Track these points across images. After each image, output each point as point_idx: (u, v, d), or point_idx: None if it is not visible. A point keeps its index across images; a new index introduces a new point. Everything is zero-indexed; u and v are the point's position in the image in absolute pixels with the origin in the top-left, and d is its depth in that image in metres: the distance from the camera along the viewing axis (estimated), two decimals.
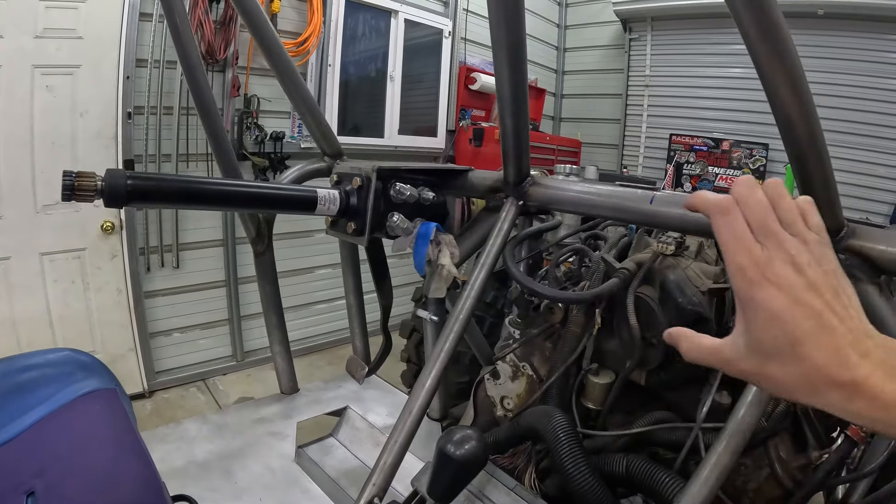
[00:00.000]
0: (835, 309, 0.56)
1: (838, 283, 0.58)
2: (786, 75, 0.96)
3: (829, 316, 0.55)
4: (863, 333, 0.56)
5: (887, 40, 5.41)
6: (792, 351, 0.56)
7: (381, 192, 1.44)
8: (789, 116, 1.01)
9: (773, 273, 0.57)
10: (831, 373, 0.54)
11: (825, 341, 0.54)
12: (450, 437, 1.19)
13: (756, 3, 0.89)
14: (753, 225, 0.60)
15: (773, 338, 0.57)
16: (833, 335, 0.55)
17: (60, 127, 3.68)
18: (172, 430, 1.96)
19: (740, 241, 0.60)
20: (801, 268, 0.57)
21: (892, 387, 0.52)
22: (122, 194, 1.07)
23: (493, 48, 1.30)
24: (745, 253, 0.59)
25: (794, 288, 0.56)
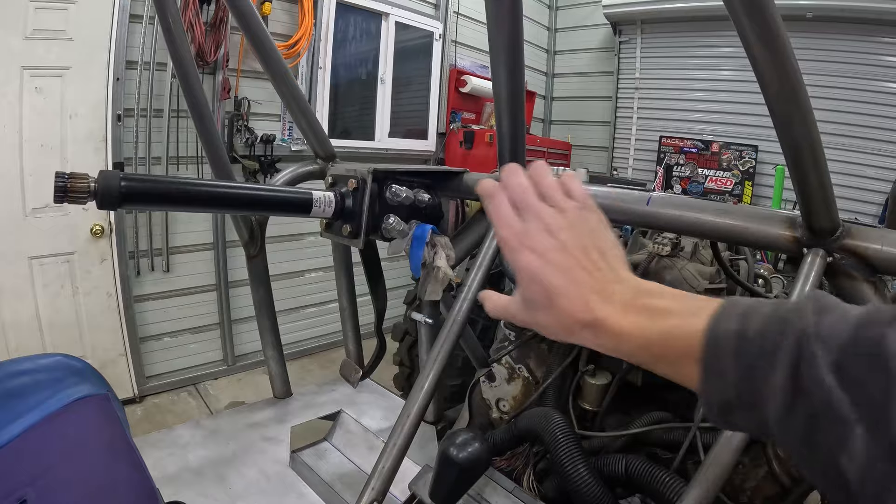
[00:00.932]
0: (583, 264, 0.65)
1: (591, 241, 0.67)
2: (784, 78, 0.97)
3: (577, 271, 0.65)
4: (610, 280, 0.65)
5: (875, 42, 5.45)
6: (549, 302, 0.65)
7: (376, 195, 1.44)
8: (787, 118, 1.01)
9: (530, 240, 0.68)
10: (578, 316, 0.64)
11: (573, 291, 0.64)
12: (452, 441, 1.18)
13: (755, 7, 0.90)
14: (515, 203, 0.71)
15: (534, 293, 0.67)
16: (579, 286, 0.64)
17: (50, 129, 3.64)
18: (165, 435, 1.95)
19: (502, 217, 0.71)
20: (553, 232, 0.67)
21: (626, 321, 0.62)
22: (116, 196, 1.06)
23: (490, 51, 1.29)
24: (506, 227, 0.70)
25: (546, 251, 0.66)
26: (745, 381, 0.53)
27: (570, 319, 0.65)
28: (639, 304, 0.64)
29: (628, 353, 0.64)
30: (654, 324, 0.62)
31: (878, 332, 0.46)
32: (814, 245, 1.13)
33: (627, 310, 0.64)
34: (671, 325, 0.61)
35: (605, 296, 0.65)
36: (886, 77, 5.45)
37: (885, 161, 5.46)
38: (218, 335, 4.92)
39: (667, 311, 0.62)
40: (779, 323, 0.53)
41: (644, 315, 0.63)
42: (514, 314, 0.72)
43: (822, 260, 1.11)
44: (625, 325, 0.63)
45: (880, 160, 5.49)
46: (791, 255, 1.20)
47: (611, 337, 0.64)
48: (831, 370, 0.47)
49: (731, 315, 0.57)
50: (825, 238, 1.11)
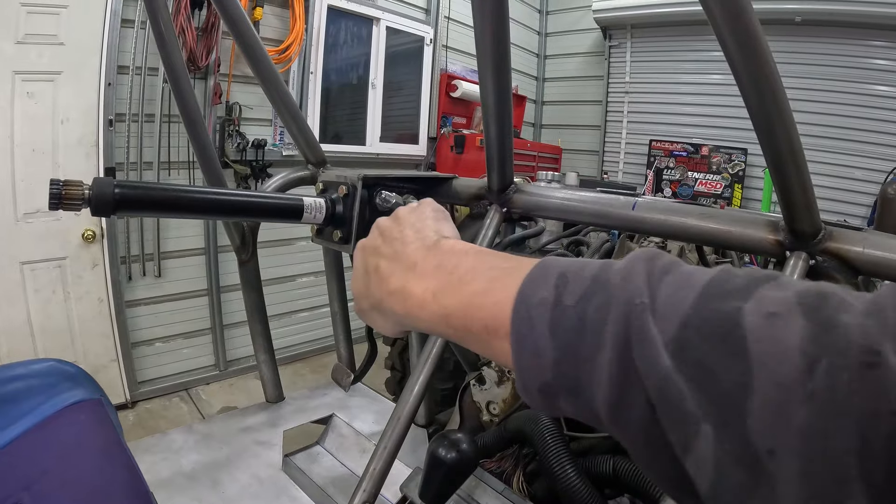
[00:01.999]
0: (385, 256, 0.67)
1: (396, 233, 0.69)
2: (763, 82, 0.98)
3: (383, 265, 0.66)
4: (418, 249, 0.64)
5: (864, 46, 5.51)
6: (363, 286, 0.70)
7: (366, 200, 1.45)
8: (767, 123, 1.03)
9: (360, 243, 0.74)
10: (378, 292, 0.65)
11: (379, 284, 0.65)
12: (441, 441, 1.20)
13: (733, 11, 0.91)
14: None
15: (355, 282, 0.73)
16: (382, 277, 0.65)
17: (41, 134, 3.64)
18: (158, 440, 1.95)
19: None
20: (377, 225, 0.73)
21: (418, 286, 0.59)
22: (110, 203, 1.07)
23: (477, 57, 1.31)
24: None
25: (364, 242, 0.73)
26: (565, 362, 0.44)
27: (376, 297, 0.66)
28: (434, 265, 0.60)
29: (429, 327, 0.59)
30: (453, 290, 0.56)
31: (733, 307, 0.37)
32: (796, 248, 1.14)
33: (420, 274, 0.60)
34: (472, 290, 0.54)
35: (407, 265, 0.63)
36: (875, 80, 5.51)
37: (873, 163, 5.51)
38: (210, 340, 4.91)
39: (469, 275, 0.56)
40: (603, 289, 0.44)
41: (438, 279, 0.58)
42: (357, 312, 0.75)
43: (805, 263, 1.11)
44: (417, 292, 0.59)
45: (869, 162, 5.54)
46: (774, 258, 1.22)
47: (406, 310, 0.61)
48: (670, 353, 0.38)
49: (547, 278, 0.48)
50: (807, 241, 1.12)
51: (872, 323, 0.33)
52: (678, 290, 0.41)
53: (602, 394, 0.42)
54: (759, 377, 0.34)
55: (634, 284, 0.43)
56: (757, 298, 0.37)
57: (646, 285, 0.42)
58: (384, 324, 0.69)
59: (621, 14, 6.81)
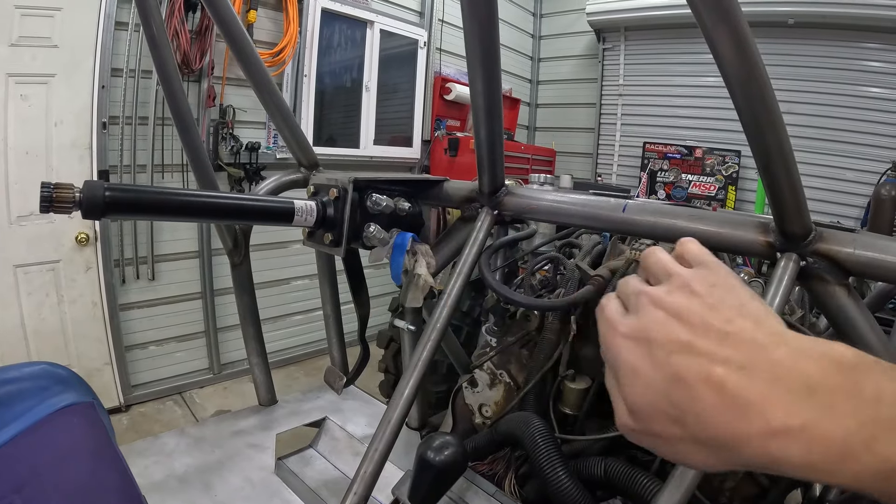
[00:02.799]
0: (723, 362, 0.44)
1: (722, 295, 0.48)
2: (752, 85, 0.98)
3: (733, 380, 0.43)
4: (801, 372, 0.42)
5: (856, 48, 5.54)
6: (666, 401, 0.46)
7: (357, 203, 1.45)
8: (756, 125, 1.03)
9: (625, 324, 0.51)
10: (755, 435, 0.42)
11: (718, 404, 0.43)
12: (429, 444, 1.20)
13: (723, 15, 0.92)
14: (624, 300, 0.55)
15: (641, 391, 0.48)
16: (740, 404, 0.42)
17: (35, 137, 3.64)
18: (151, 443, 1.95)
19: (604, 314, 0.55)
20: (659, 302, 0.50)
21: (839, 426, 0.40)
22: (100, 206, 1.07)
23: (467, 59, 1.31)
24: (603, 322, 0.55)
25: (645, 326, 0.49)
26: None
27: (737, 427, 0.42)
28: (846, 391, 0.41)
29: (852, 483, 0.40)
30: (891, 431, 0.38)
31: None
32: (787, 250, 1.14)
33: (833, 406, 0.40)
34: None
35: (788, 382, 0.42)
36: (867, 82, 5.53)
37: (866, 165, 5.53)
38: (204, 343, 4.91)
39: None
40: None
41: (866, 414, 0.39)
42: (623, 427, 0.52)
43: (795, 264, 1.12)
44: (837, 435, 0.39)
45: (862, 164, 5.56)
46: (765, 259, 1.22)
47: (815, 457, 0.40)
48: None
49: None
50: (798, 242, 1.12)
51: None
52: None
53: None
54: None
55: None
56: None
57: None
58: (706, 460, 0.47)
59: (615, 17, 6.83)
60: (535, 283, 2.07)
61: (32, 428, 1.12)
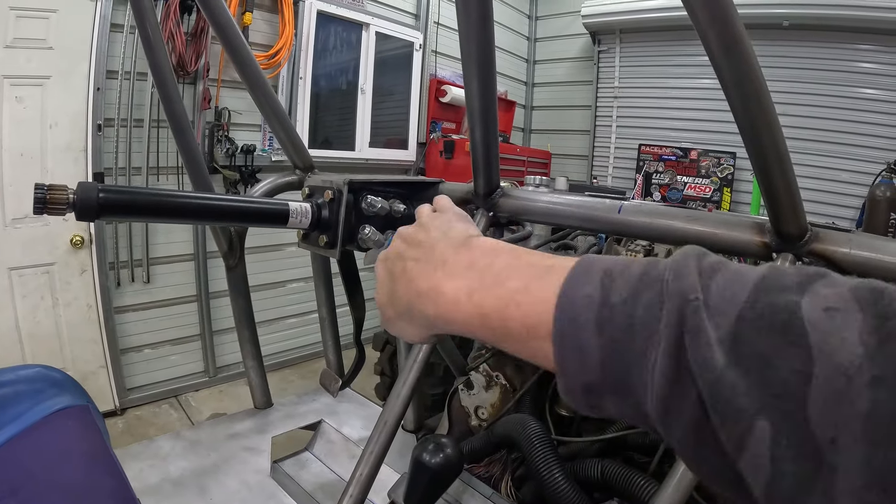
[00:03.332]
0: (411, 258, 0.64)
1: (422, 235, 0.67)
2: (748, 86, 0.98)
3: (410, 266, 0.63)
4: (440, 256, 0.61)
5: (851, 50, 5.56)
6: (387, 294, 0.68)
7: (352, 205, 1.45)
8: (753, 127, 1.03)
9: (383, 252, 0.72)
10: (408, 293, 0.63)
11: (407, 287, 0.63)
12: (425, 446, 1.20)
13: (718, 17, 0.92)
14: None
15: (380, 293, 0.70)
16: (410, 279, 0.63)
17: (30, 139, 3.63)
18: (146, 447, 1.95)
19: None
20: (400, 234, 0.71)
21: (450, 285, 0.57)
22: (94, 207, 1.07)
23: (462, 62, 1.31)
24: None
25: (388, 251, 0.70)
26: (613, 362, 0.43)
27: (403, 302, 0.64)
28: (466, 262, 0.58)
29: (463, 328, 0.56)
30: (489, 289, 0.53)
31: (790, 300, 0.37)
32: (783, 250, 1.14)
33: (451, 273, 0.58)
34: (510, 288, 0.51)
35: (437, 264, 0.61)
36: (862, 83, 5.55)
37: (862, 166, 5.54)
38: (199, 346, 4.89)
39: (505, 273, 0.53)
40: (653, 286, 0.43)
41: (475, 277, 0.55)
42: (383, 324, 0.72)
43: (791, 265, 1.12)
44: (450, 292, 0.56)
45: (857, 165, 5.58)
46: (761, 260, 1.22)
47: (439, 312, 0.58)
48: (725, 349, 0.37)
49: (591, 276, 0.47)
50: (794, 243, 1.13)
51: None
52: (731, 286, 0.40)
53: (652, 394, 0.41)
54: (819, 364, 0.34)
55: (687, 281, 0.42)
56: (812, 293, 0.37)
57: (698, 282, 0.41)
58: (413, 330, 0.66)
59: (610, 19, 6.83)
60: None
61: (27, 431, 1.11)
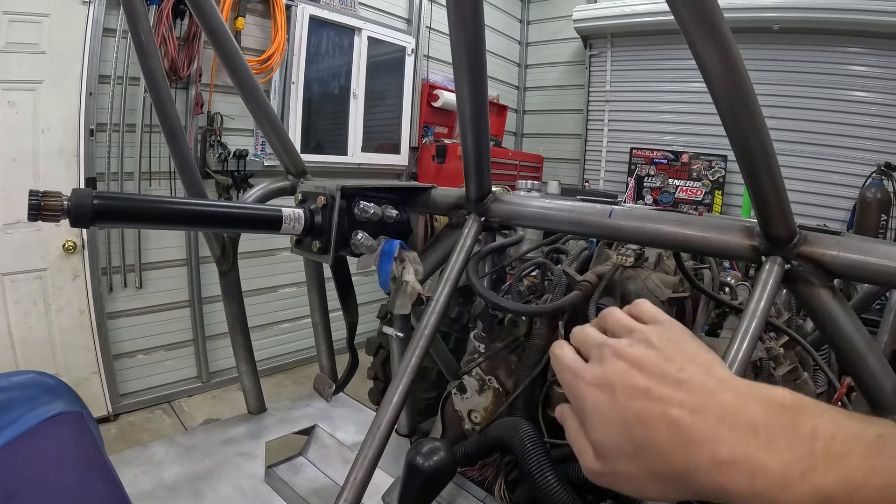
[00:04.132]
0: (676, 404, 0.50)
1: (676, 347, 0.55)
2: (735, 91, 0.99)
3: (686, 419, 0.49)
4: (733, 398, 0.49)
5: (840, 53, 5.59)
6: (629, 440, 0.52)
7: (344, 211, 1.46)
8: (740, 130, 1.04)
9: (590, 372, 0.57)
10: (702, 465, 0.47)
11: (685, 447, 0.48)
12: (418, 449, 1.21)
13: (705, 22, 0.93)
14: (584, 349, 0.61)
15: (606, 433, 0.54)
16: (693, 440, 0.48)
17: (22, 143, 3.62)
18: (140, 452, 1.94)
19: (565, 363, 0.60)
20: (621, 354, 0.56)
21: (778, 459, 0.44)
22: (89, 214, 1.07)
23: (453, 67, 1.32)
24: (567, 370, 0.60)
25: (609, 374, 0.55)
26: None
27: (675, 461, 0.49)
28: (783, 427, 0.46)
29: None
30: (828, 464, 0.43)
31: None
32: (771, 253, 1.15)
33: (773, 441, 0.45)
34: (851, 466, 0.42)
35: (734, 422, 0.47)
36: (852, 86, 5.59)
37: (852, 168, 5.57)
38: (192, 352, 4.88)
39: (838, 443, 0.44)
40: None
41: (803, 448, 0.44)
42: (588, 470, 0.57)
43: (780, 267, 1.13)
44: (775, 466, 0.44)
45: (847, 167, 5.61)
46: (750, 262, 1.23)
47: (758, 487, 0.44)
48: None
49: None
50: (782, 246, 1.13)
51: None
52: None
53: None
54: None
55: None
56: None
57: None
58: (665, 492, 0.52)
59: (601, 23, 6.87)
60: (523, 289, 2.08)
61: (21, 437, 1.11)
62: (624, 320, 0.60)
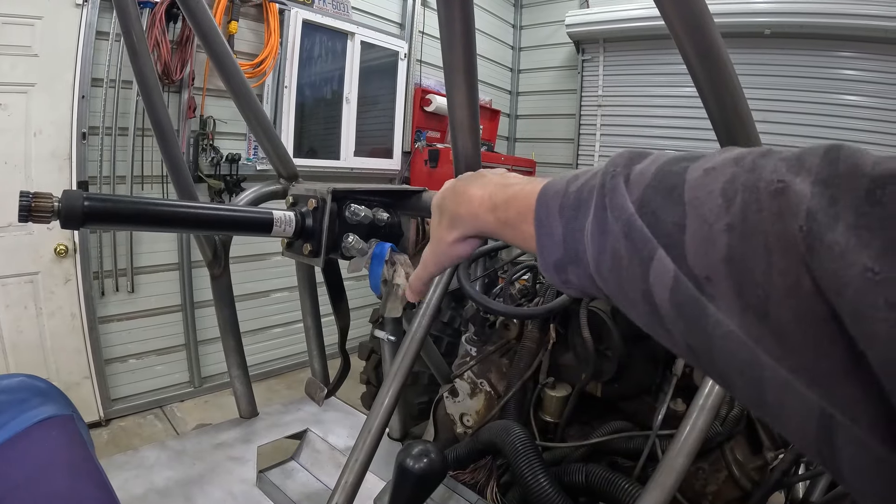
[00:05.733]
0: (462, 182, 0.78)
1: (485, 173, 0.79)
2: (725, 94, 1.00)
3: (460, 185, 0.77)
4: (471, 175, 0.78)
5: (832, 57, 5.62)
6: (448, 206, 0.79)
7: (335, 214, 1.46)
8: (729, 133, 1.05)
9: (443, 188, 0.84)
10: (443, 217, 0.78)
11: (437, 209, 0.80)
12: (409, 452, 1.20)
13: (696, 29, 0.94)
14: None
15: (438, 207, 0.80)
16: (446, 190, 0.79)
17: (13, 146, 3.60)
18: (131, 457, 1.94)
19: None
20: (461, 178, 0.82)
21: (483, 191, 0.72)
22: (79, 215, 1.07)
23: (444, 71, 1.33)
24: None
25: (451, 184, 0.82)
26: (569, 236, 0.55)
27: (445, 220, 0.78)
28: (496, 181, 0.73)
29: (486, 220, 0.72)
30: (501, 191, 0.69)
31: (682, 167, 0.45)
32: None
33: (486, 185, 0.73)
34: (513, 190, 0.68)
35: (466, 178, 0.77)
36: (844, 90, 5.61)
37: None
38: (184, 356, 4.87)
39: (513, 184, 0.70)
40: (593, 175, 0.54)
41: (497, 187, 0.71)
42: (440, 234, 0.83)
43: None
44: (479, 194, 0.73)
45: None
46: None
47: (471, 212, 0.74)
48: (635, 206, 0.46)
49: (563, 178, 0.60)
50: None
51: (786, 163, 0.38)
52: (650, 165, 0.48)
53: (590, 252, 0.51)
54: (690, 216, 0.41)
55: (614, 163, 0.51)
56: (704, 159, 0.44)
57: (623, 164, 0.50)
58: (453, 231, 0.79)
59: (594, 28, 6.88)
60: (515, 293, 2.09)
61: (10, 441, 1.11)
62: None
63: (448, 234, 0.79)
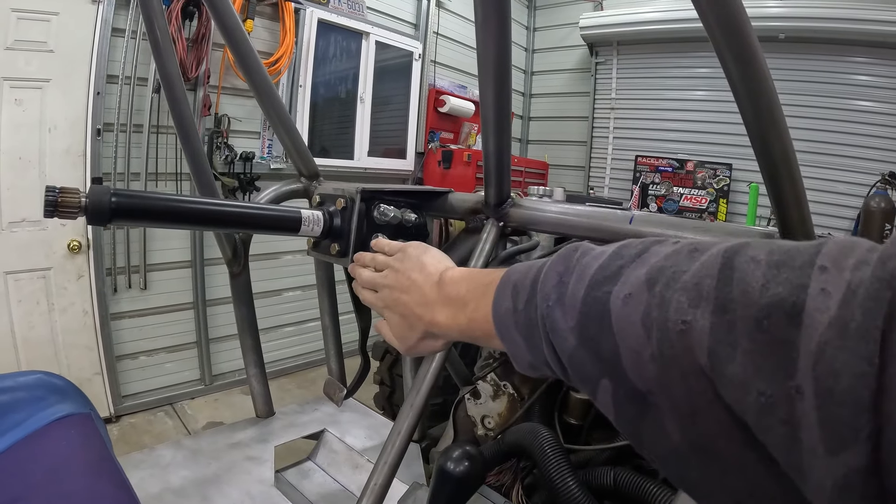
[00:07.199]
0: (399, 290, 0.89)
1: (403, 273, 0.89)
2: (761, 98, 0.99)
3: (417, 311, 0.85)
4: (427, 286, 0.84)
5: (845, 62, 5.63)
6: (402, 325, 0.90)
7: (364, 214, 1.44)
8: (764, 137, 1.04)
9: (380, 300, 0.95)
10: (418, 329, 0.86)
11: (419, 320, 0.85)
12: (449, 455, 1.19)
13: (733, 29, 0.92)
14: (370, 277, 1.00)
15: (393, 326, 0.92)
16: (418, 316, 0.84)
17: (28, 142, 3.60)
18: (146, 455, 1.92)
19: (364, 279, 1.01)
20: (384, 284, 0.93)
21: (442, 317, 0.79)
22: (106, 212, 1.05)
23: (478, 71, 1.31)
24: (367, 296, 1.00)
25: (384, 297, 0.93)
26: (532, 348, 0.61)
27: (417, 334, 0.87)
28: (444, 297, 0.80)
29: (459, 337, 0.80)
30: (460, 313, 0.76)
31: (605, 293, 0.50)
32: None
33: (440, 306, 0.80)
34: (470, 311, 0.74)
35: (425, 303, 0.83)
36: (857, 95, 5.62)
37: (856, 177, 5.60)
38: (195, 354, 4.85)
39: (464, 300, 0.76)
40: (535, 295, 0.60)
41: (451, 307, 0.78)
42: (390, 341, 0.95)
43: None
44: (443, 321, 0.79)
45: (852, 176, 5.64)
46: None
47: (443, 333, 0.81)
48: (573, 333, 0.53)
49: (506, 291, 0.66)
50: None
51: (686, 295, 0.43)
52: (578, 286, 0.54)
53: (555, 369, 0.59)
54: (622, 346, 0.47)
55: (546, 289, 0.58)
56: (622, 282, 0.50)
57: (554, 289, 0.57)
58: (435, 344, 0.88)
59: (608, 31, 6.87)
60: None
61: (28, 439, 1.09)
62: (378, 259, 0.99)
63: (431, 346, 0.89)
